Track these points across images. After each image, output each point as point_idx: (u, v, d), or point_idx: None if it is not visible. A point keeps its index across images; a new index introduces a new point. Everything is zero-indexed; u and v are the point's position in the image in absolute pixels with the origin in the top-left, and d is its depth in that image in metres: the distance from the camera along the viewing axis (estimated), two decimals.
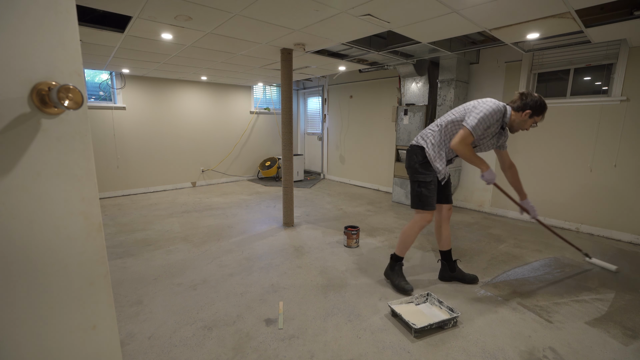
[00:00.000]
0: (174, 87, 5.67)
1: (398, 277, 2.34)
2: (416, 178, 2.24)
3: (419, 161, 2.23)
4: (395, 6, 2.28)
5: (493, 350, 1.74)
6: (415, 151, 2.26)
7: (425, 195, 2.21)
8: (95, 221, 0.74)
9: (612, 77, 3.41)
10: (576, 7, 2.24)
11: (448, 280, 2.48)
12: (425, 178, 2.21)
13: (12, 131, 0.61)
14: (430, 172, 2.21)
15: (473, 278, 2.45)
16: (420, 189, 2.22)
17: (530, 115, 2.07)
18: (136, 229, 3.65)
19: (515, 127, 2.15)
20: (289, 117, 3.60)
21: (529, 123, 2.10)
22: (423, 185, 2.21)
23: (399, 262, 2.37)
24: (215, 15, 2.46)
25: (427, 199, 2.21)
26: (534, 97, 2.06)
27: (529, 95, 2.07)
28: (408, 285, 2.29)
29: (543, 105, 2.06)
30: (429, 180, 2.20)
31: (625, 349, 1.75)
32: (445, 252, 2.46)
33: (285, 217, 3.79)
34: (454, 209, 4.63)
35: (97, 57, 3.86)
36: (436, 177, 2.24)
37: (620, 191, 3.40)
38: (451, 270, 2.45)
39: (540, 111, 2.07)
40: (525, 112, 2.07)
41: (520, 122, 2.11)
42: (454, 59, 4.12)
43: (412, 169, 2.26)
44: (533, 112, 2.06)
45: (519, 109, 2.09)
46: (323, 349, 1.74)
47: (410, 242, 2.33)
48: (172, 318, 2.00)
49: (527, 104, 2.06)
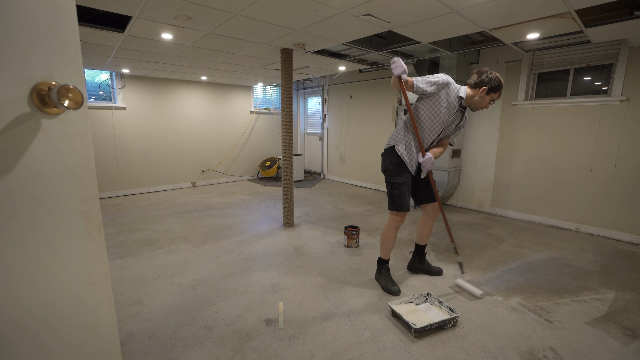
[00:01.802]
0: (174, 87, 5.66)
1: (385, 279, 2.38)
2: (390, 180, 2.26)
3: (392, 163, 2.25)
4: (395, 6, 2.28)
5: (493, 350, 1.74)
6: (388, 153, 2.28)
7: (398, 197, 2.22)
8: (95, 221, 0.74)
9: (612, 77, 3.40)
10: (576, 7, 2.24)
11: (415, 272, 2.61)
12: (398, 179, 2.22)
13: (12, 131, 0.61)
14: (402, 174, 2.22)
15: (438, 270, 2.59)
16: (393, 191, 2.24)
17: (487, 92, 2.12)
18: (136, 229, 3.65)
19: (474, 105, 2.18)
20: (289, 117, 3.60)
21: (486, 100, 2.14)
22: (396, 186, 2.23)
23: (385, 264, 2.41)
24: (215, 15, 2.46)
25: (400, 200, 2.22)
26: (489, 74, 2.11)
27: (484, 72, 2.13)
28: (395, 287, 2.31)
29: (499, 82, 2.11)
30: (401, 182, 2.22)
31: (625, 349, 1.75)
32: (420, 246, 2.57)
33: (285, 217, 3.79)
34: (454, 209, 4.63)
35: (97, 57, 3.86)
36: (410, 177, 2.25)
37: (620, 191, 3.40)
38: (420, 263, 2.60)
39: (497, 88, 2.12)
40: (482, 89, 2.11)
41: (478, 99, 2.14)
42: (454, 59, 4.12)
43: (387, 171, 2.28)
44: (489, 89, 2.11)
45: (476, 86, 2.13)
46: (323, 349, 1.74)
47: (391, 243, 2.36)
48: (172, 318, 2.00)
49: (482, 80, 2.11)
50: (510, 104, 4.13)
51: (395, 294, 2.28)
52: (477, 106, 2.18)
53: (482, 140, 4.45)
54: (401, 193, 2.22)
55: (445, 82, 2.10)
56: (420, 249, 2.57)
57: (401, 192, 2.22)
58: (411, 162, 2.22)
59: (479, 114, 4.41)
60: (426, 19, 2.53)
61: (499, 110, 4.23)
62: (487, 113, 4.34)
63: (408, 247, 3.13)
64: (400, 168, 2.22)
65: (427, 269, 2.59)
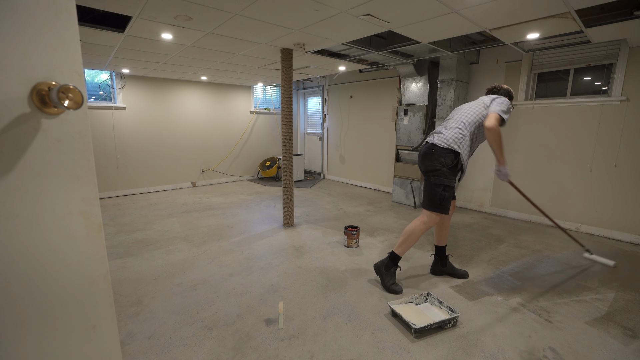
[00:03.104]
0: (174, 87, 5.67)
1: (391, 277, 2.33)
2: (441, 181, 2.20)
3: (447, 165, 2.19)
4: (395, 6, 2.28)
5: (493, 350, 1.74)
6: (444, 154, 2.19)
7: (447, 199, 2.21)
8: (95, 221, 0.74)
9: (612, 77, 3.40)
10: (576, 7, 2.24)
11: (439, 274, 2.56)
12: (450, 182, 2.21)
13: (12, 131, 0.61)
14: (454, 177, 2.23)
15: (464, 273, 2.53)
16: (444, 193, 2.20)
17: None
18: (136, 229, 3.65)
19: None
20: (289, 117, 3.60)
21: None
22: (447, 189, 2.21)
23: (397, 264, 2.34)
24: (215, 15, 2.46)
25: (446, 203, 2.22)
26: (503, 87, 2.37)
27: (499, 87, 2.38)
28: (398, 287, 2.30)
29: (512, 93, 2.38)
30: (452, 185, 2.23)
31: (625, 349, 1.75)
32: (440, 248, 2.53)
33: (285, 217, 3.79)
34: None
35: (97, 57, 3.86)
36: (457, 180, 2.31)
37: (620, 191, 3.40)
38: (442, 265, 2.54)
39: (512, 98, 2.35)
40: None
41: None
42: (454, 59, 4.12)
43: (438, 172, 2.20)
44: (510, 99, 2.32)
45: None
46: (323, 349, 1.74)
47: (414, 242, 2.30)
48: (172, 318, 2.00)
49: (506, 95, 2.35)
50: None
51: (398, 293, 2.28)
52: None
53: None
54: (450, 196, 2.23)
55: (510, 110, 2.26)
56: (440, 250, 2.52)
57: (450, 196, 2.23)
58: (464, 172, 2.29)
59: None
60: (426, 19, 2.53)
61: None
62: None
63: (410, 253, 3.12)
64: (453, 172, 2.22)
65: (451, 271, 2.53)
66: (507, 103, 2.21)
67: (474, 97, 4.46)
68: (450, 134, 2.21)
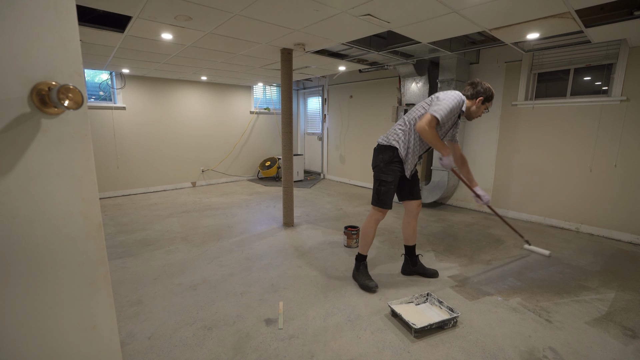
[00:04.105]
0: (174, 87, 5.67)
1: (363, 276, 2.38)
2: (379, 176, 2.29)
3: (384, 160, 2.27)
4: (395, 6, 2.28)
5: (493, 350, 1.74)
6: (383, 150, 2.29)
7: (385, 194, 2.26)
8: (95, 221, 0.74)
9: (612, 77, 3.40)
10: (576, 7, 2.24)
11: (410, 274, 2.57)
12: (387, 178, 2.25)
13: (12, 131, 0.61)
14: (392, 173, 2.25)
15: (433, 272, 2.54)
16: (381, 188, 2.27)
17: (482, 101, 2.24)
18: (136, 229, 3.65)
19: (471, 115, 2.30)
20: (289, 117, 3.60)
21: (481, 109, 2.28)
22: (384, 184, 2.26)
23: (363, 261, 2.42)
24: (215, 15, 2.46)
25: (385, 198, 2.26)
26: (483, 85, 2.24)
27: (479, 84, 2.24)
28: (372, 282, 2.32)
29: (492, 92, 2.26)
30: (390, 180, 2.25)
31: (625, 349, 1.75)
32: (409, 247, 2.54)
33: (285, 217, 3.79)
34: (454, 209, 4.63)
35: (97, 57, 3.86)
36: (398, 176, 2.28)
37: (620, 191, 3.40)
38: (412, 265, 2.56)
39: (490, 97, 2.25)
40: (479, 99, 2.23)
41: (475, 109, 2.26)
42: (454, 59, 4.12)
43: (377, 168, 2.31)
44: (485, 98, 2.24)
45: (473, 97, 2.25)
46: (323, 349, 1.74)
47: (371, 239, 2.39)
48: (172, 318, 2.00)
49: (479, 91, 2.23)
50: (510, 104, 4.13)
51: (373, 290, 2.29)
52: (473, 115, 2.30)
53: (482, 140, 4.45)
54: (388, 191, 2.26)
55: (462, 103, 2.19)
56: (409, 250, 2.55)
57: (388, 190, 2.26)
58: (411, 167, 2.28)
59: None
60: (426, 19, 2.53)
61: (499, 110, 4.23)
62: (487, 113, 4.34)
63: None
64: (391, 168, 2.25)
65: (421, 270, 2.55)
66: (450, 102, 2.12)
67: None
68: (391, 132, 2.31)
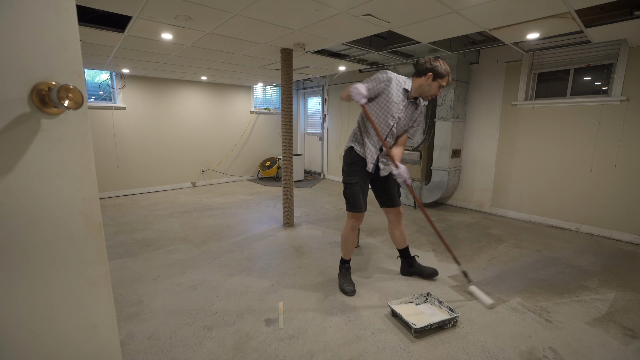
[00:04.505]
0: (174, 87, 5.66)
1: (343, 279, 2.38)
2: (344, 180, 2.27)
3: (346, 162, 2.27)
4: (395, 6, 2.28)
5: (493, 350, 1.74)
6: (345, 154, 2.29)
7: (351, 197, 2.21)
8: (95, 221, 0.74)
9: (612, 77, 3.40)
10: (576, 7, 2.24)
11: (408, 275, 2.56)
12: (350, 179, 2.22)
13: (12, 131, 0.61)
14: (355, 173, 2.22)
15: (432, 272, 2.50)
16: (346, 191, 2.23)
17: (433, 78, 2.08)
18: (136, 229, 3.65)
19: (424, 93, 2.14)
20: (289, 117, 3.60)
21: (434, 87, 2.10)
22: (348, 187, 2.22)
23: (345, 264, 2.41)
24: (215, 15, 2.46)
25: (352, 201, 2.21)
26: (432, 62, 2.09)
27: (427, 61, 2.10)
28: (349, 287, 2.30)
29: (444, 68, 2.08)
30: (354, 182, 2.20)
31: (625, 349, 1.75)
32: (402, 250, 2.51)
33: (285, 217, 3.79)
34: (454, 209, 4.63)
35: (97, 57, 3.86)
36: (365, 177, 2.22)
37: (620, 191, 3.40)
38: (409, 266, 2.53)
39: (443, 74, 2.08)
40: (428, 76, 2.08)
41: (426, 86, 2.10)
42: (454, 59, 4.12)
43: (343, 172, 2.30)
44: (435, 75, 2.08)
45: (420, 74, 2.12)
46: (323, 349, 1.74)
47: (351, 244, 2.37)
48: (172, 318, 2.00)
49: (427, 68, 2.09)
50: (510, 104, 4.13)
51: (348, 294, 2.27)
52: (426, 94, 2.13)
53: (482, 140, 4.45)
54: (353, 193, 2.20)
55: (385, 79, 2.08)
56: (403, 252, 2.52)
57: (353, 193, 2.20)
58: (372, 159, 2.19)
59: (480, 114, 4.41)
60: (426, 19, 2.53)
61: (499, 110, 4.23)
62: (487, 113, 4.34)
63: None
64: (353, 169, 2.23)
65: (418, 271, 2.52)
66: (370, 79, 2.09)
67: (474, 97, 4.46)
68: (350, 135, 2.31)
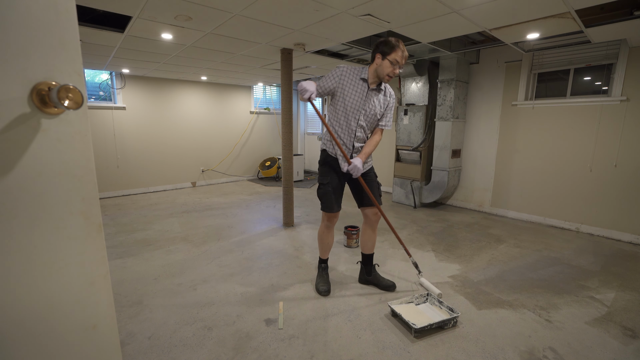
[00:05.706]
0: (174, 87, 5.66)
1: (319, 278, 2.38)
2: (317, 179, 2.29)
3: (319, 163, 2.29)
4: (395, 6, 2.28)
5: (493, 350, 1.74)
6: (320, 153, 2.30)
7: (322, 197, 2.22)
8: (95, 221, 0.74)
9: (612, 77, 3.40)
10: (576, 7, 2.24)
11: (364, 284, 2.43)
12: (322, 180, 2.23)
13: (12, 131, 0.61)
14: (326, 174, 2.23)
15: (389, 285, 2.34)
16: (319, 191, 2.25)
17: (382, 57, 2.01)
18: (136, 229, 3.65)
19: (381, 75, 2.05)
20: (289, 117, 3.60)
21: (386, 65, 2.01)
22: (320, 187, 2.24)
23: (322, 264, 2.41)
24: (215, 15, 2.46)
25: (324, 201, 2.21)
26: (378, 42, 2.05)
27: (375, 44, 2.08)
28: (323, 287, 2.30)
29: (387, 42, 2.00)
30: (325, 182, 2.21)
31: (625, 349, 1.75)
32: (366, 255, 2.40)
33: (285, 217, 3.79)
34: (454, 209, 4.63)
35: (97, 57, 3.86)
36: (336, 177, 2.20)
37: (620, 191, 3.40)
38: (367, 274, 2.41)
39: (389, 48, 1.99)
40: (377, 57, 2.04)
41: (379, 68, 2.03)
42: (454, 59, 4.12)
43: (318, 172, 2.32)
44: (382, 53, 2.01)
45: (372, 60, 2.08)
46: (323, 349, 1.74)
47: (326, 243, 2.36)
48: (172, 318, 2.00)
49: (373, 51, 2.07)
50: (510, 104, 4.13)
51: (322, 294, 2.27)
52: (382, 74, 2.04)
53: (482, 140, 4.45)
54: (325, 193, 2.20)
55: (337, 74, 2.08)
56: (365, 258, 2.39)
57: (325, 193, 2.20)
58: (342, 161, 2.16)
59: (480, 114, 4.41)
60: (426, 19, 2.53)
61: (499, 110, 4.23)
62: (487, 113, 4.34)
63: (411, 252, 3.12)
64: (325, 169, 2.24)
65: (375, 281, 2.38)
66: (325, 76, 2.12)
67: (474, 97, 4.46)
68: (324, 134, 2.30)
